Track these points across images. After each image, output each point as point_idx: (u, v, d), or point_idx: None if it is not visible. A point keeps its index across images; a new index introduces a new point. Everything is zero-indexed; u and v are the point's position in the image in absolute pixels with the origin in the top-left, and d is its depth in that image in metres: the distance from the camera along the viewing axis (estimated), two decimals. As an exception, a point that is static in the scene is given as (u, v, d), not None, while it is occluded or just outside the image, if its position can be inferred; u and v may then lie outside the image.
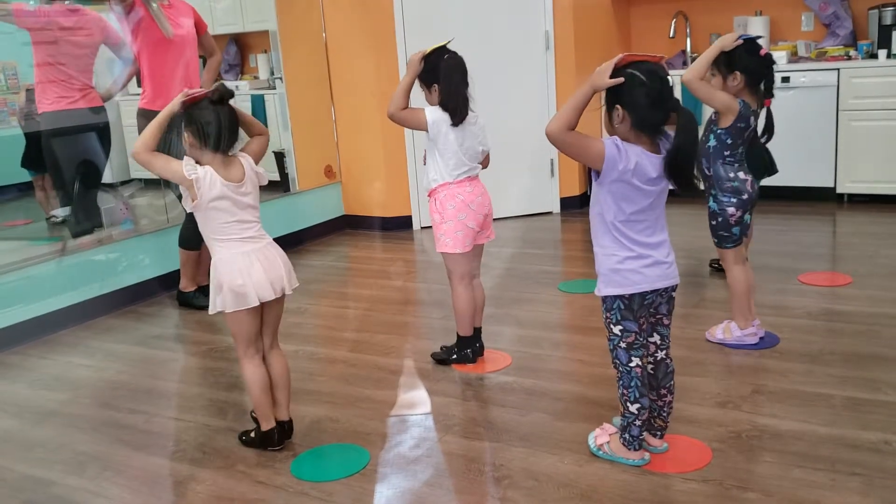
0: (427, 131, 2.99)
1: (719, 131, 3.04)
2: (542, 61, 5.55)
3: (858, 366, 2.95)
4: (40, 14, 4.28)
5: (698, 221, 5.07)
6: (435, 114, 2.97)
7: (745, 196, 3.07)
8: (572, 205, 5.80)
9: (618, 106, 2.16)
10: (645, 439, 2.41)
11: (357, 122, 5.55)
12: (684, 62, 6.04)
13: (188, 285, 4.27)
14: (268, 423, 2.61)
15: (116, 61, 4.49)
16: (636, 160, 2.15)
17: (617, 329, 2.31)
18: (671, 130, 2.18)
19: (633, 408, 2.33)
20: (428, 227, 5.42)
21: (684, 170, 2.16)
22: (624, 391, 2.34)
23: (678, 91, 5.08)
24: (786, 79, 5.26)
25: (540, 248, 4.99)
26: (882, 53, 5.21)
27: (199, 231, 2.53)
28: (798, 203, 5.43)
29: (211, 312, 2.52)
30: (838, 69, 5.19)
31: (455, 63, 2.93)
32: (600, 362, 3.06)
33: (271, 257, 2.52)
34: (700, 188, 2.29)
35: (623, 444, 2.39)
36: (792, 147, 5.03)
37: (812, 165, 5.37)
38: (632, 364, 2.31)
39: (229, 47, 6.80)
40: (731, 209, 3.07)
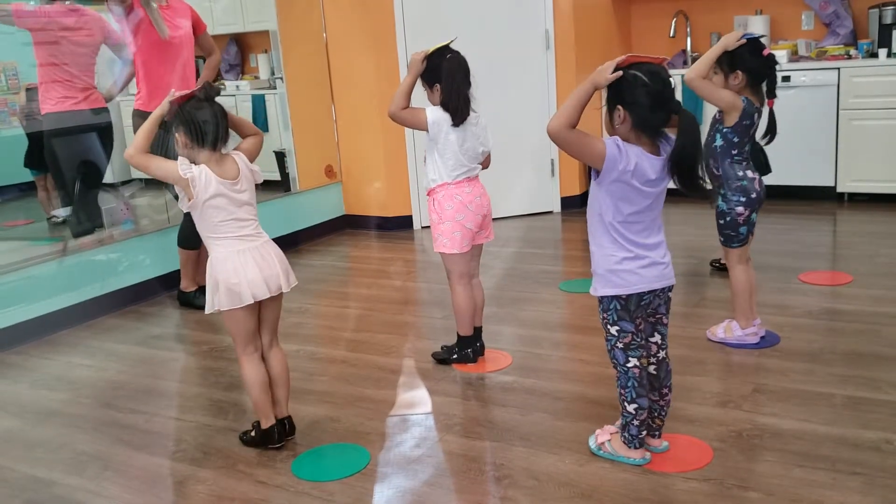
0: (427, 131, 2.99)
1: (725, 130, 3.04)
2: (543, 61, 5.55)
3: (859, 365, 2.95)
4: (40, 14, 4.28)
5: (698, 221, 5.09)
6: (435, 114, 2.96)
7: (754, 195, 3.07)
8: (573, 204, 5.80)
9: (619, 106, 2.16)
10: (645, 439, 2.41)
11: (357, 122, 5.56)
12: (685, 62, 6.04)
13: (189, 285, 4.27)
14: (268, 421, 2.61)
15: (117, 62, 4.49)
16: (636, 161, 2.15)
17: (614, 329, 2.31)
18: (672, 133, 2.18)
19: (631, 408, 2.33)
20: (428, 227, 5.43)
21: (689, 171, 2.16)
22: (621, 391, 2.34)
23: (679, 92, 5.08)
24: (786, 78, 5.26)
25: (540, 248, 4.99)
26: (882, 52, 5.21)
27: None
28: (798, 202, 5.43)
29: (208, 311, 2.52)
30: (839, 68, 5.20)
31: (457, 63, 2.92)
32: (601, 362, 3.06)
33: (267, 255, 2.52)
34: (707, 189, 2.29)
35: (623, 443, 2.39)
36: (792, 146, 5.03)
37: (812, 164, 5.37)
38: (629, 364, 2.31)
39: (230, 47, 6.80)
40: (740, 208, 3.07)
